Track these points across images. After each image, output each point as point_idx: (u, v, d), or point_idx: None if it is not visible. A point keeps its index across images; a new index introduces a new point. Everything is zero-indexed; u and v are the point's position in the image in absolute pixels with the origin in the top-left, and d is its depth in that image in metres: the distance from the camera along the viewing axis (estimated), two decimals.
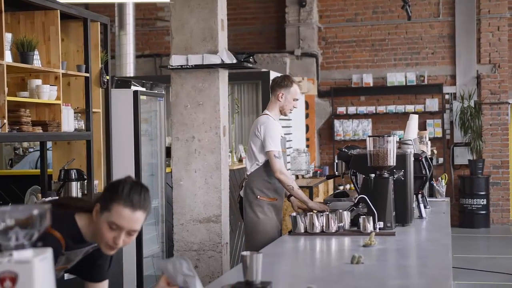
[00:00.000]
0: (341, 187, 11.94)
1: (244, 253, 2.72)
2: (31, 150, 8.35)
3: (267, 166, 5.15)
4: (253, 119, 9.98)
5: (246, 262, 2.72)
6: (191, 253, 5.65)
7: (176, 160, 5.70)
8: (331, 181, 11.29)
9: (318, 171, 11.30)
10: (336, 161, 5.21)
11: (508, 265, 8.98)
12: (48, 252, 1.83)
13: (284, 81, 5.29)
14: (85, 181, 5.69)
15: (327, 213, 4.28)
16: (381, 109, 12.58)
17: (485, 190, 12.09)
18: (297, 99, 5.31)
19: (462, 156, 12.38)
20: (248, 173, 5.28)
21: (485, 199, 12.06)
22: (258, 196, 5.17)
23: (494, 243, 11.19)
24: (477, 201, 12.03)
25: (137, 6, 12.59)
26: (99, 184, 5.95)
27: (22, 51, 4.94)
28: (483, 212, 12.08)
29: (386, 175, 4.38)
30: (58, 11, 5.31)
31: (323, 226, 4.23)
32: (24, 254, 1.79)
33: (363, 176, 4.53)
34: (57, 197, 5.00)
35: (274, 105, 5.30)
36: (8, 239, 1.80)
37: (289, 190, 5.14)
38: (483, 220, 12.08)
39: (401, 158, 4.52)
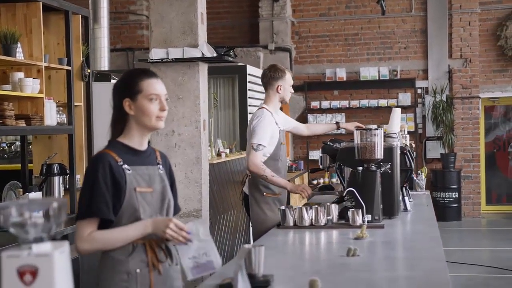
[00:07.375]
0: (322, 181, 12.02)
1: (247, 246, 2.72)
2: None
3: (270, 161, 5.10)
4: (230, 114, 10.01)
5: (250, 255, 2.72)
6: None
7: None
8: (305, 175, 11.34)
9: (294, 166, 11.34)
10: (321, 154, 5.20)
11: (479, 257, 9.11)
12: (66, 245, 1.81)
13: (278, 73, 5.31)
14: (67, 175, 5.62)
15: (316, 206, 4.29)
16: (355, 103, 12.63)
17: (457, 183, 12.24)
18: (292, 84, 5.43)
19: (434, 150, 12.51)
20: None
21: (456, 193, 12.21)
22: (264, 193, 5.13)
23: (466, 236, 11.33)
24: (449, 195, 12.18)
25: None
26: (81, 179, 5.89)
27: (5, 44, 4.86)
28: (455, 205, 12.24)
29: (373, 168, 4.40)
30: (41, 3, 5.24)
31: (312, 219, 4.25)
32: (43, 247, 1.77)
33: (350, 169, 4.54)
34: None
35: (273, 97, 5.30)
36: (27, 232, 1.78)
37: (264, 181, 5.06)
38: (455, 213, 12.24)
39: (388, 151, 4.54)
